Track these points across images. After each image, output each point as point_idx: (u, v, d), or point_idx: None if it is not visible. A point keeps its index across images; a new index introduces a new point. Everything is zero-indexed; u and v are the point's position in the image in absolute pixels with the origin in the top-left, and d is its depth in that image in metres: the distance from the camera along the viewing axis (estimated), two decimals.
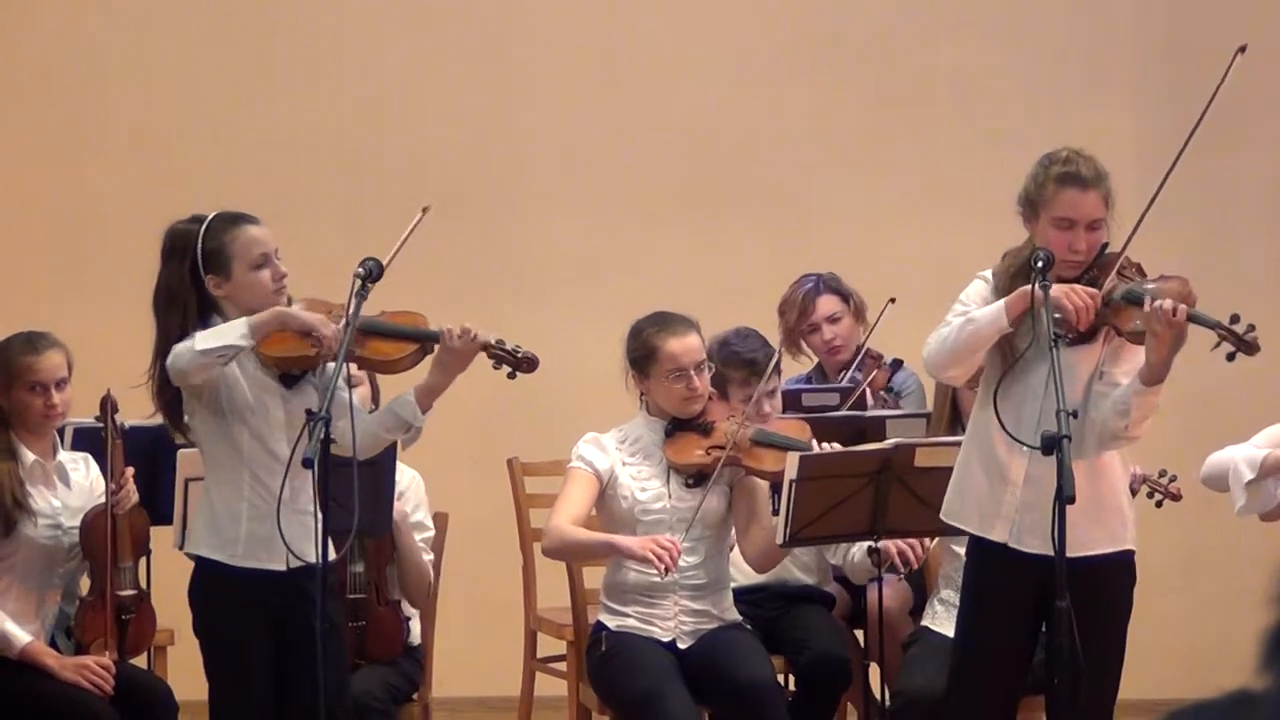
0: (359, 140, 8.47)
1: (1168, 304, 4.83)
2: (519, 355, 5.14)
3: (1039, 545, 5.00)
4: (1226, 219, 8.45)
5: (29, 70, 8.50)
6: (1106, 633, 5.11)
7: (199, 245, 5.00)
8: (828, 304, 6.89)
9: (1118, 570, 5.16)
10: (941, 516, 5.27)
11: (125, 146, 8.44)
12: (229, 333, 4.87)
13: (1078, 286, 4.97)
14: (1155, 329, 4.85)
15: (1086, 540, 5.03)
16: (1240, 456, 5.48)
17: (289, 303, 5.08)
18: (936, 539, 6.18)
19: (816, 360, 7.00)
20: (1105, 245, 5.08)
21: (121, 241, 8.34)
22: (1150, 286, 4.98)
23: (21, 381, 5.81)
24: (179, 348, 4.89)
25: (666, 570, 5.57)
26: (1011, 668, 5.18)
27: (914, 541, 5.98)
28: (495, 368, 5.17)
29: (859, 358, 6.81)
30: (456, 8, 8.61)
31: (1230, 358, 4.88)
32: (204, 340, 4.86)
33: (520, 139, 8.55)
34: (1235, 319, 4.87)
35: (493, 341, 5.12)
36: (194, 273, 5.00)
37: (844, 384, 6.72)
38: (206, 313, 5.03)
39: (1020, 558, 5.10)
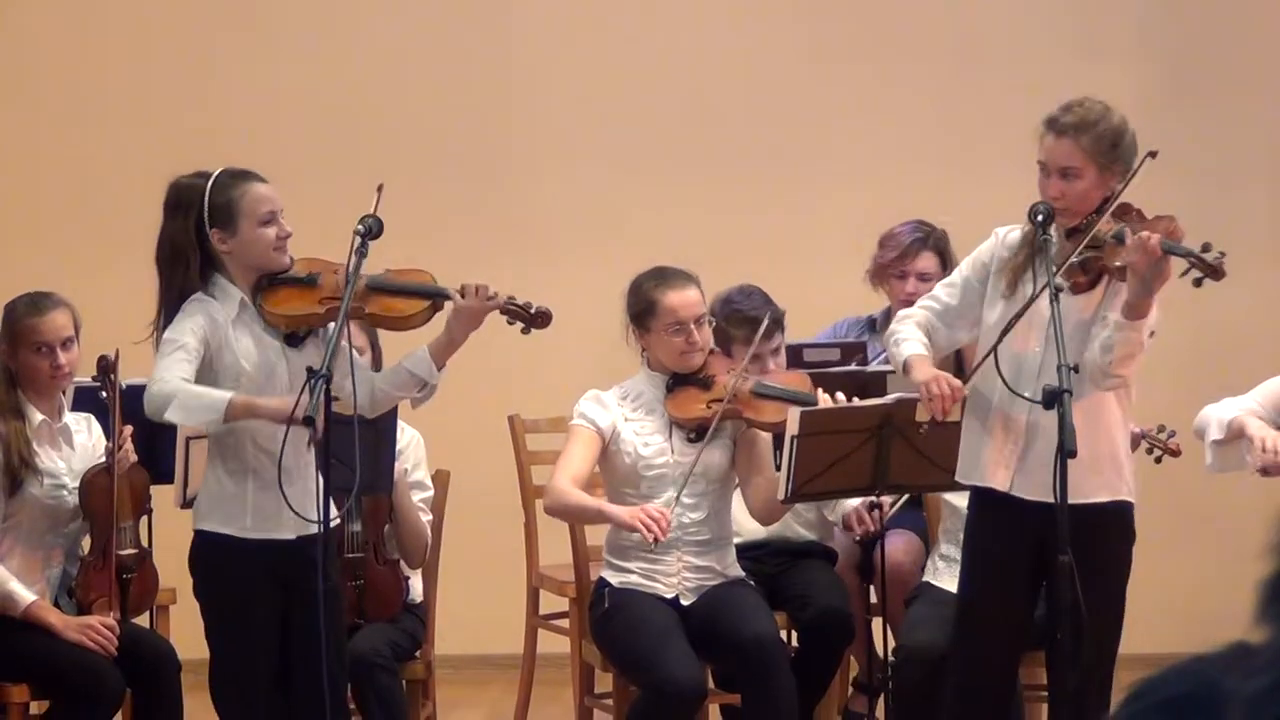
0: (361, 98, 8.44)
1: (1144, 234, 4.88)
2: (533, 311, 5.18)
3: (1038, 492, 5.04)
4: (1226, 168, 8.41)
5: (31, 29, 8.47)
6: (1103, 584, 5.11)
7: (205, 199, 4.97)
8: (927, 261, 6.72)
9: (1113, 520, 5.18)
10: (957, 478, 5.29)
11: (129, 105, 8.41)
12: (205, 411, 4.85)
13: (941, 376, 5.10)
14: (1132, 258, 4.89)
15: (1081, 486, 5.04)
16: (1215, 416, 5.46)
17: (291, 263, 5.06)
18: (898, 505, 6.21)
19: (886, 305, 6.89)
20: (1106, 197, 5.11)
21: (127, 200, 8.31)
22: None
23: (27, 343, 5.77)
24: (160, 388, 4.84)
25: (656, 540, 5.57)
26: (1013, 623, 5.20)
27: (863, 515, 6.01)
28: (510, 324, 5.23)
29: None
30: None
31: (1197, 283, 4.89)
32: (182, 412, 4.86)
33: (523, 96, 8.52)
34: (1206, 247, 4.89)
35: (506, 298, 5.15)
36: (199, 227, 4.98)
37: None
38: (208, 269, 5.01)
39: (1020, 508, 5.12)
